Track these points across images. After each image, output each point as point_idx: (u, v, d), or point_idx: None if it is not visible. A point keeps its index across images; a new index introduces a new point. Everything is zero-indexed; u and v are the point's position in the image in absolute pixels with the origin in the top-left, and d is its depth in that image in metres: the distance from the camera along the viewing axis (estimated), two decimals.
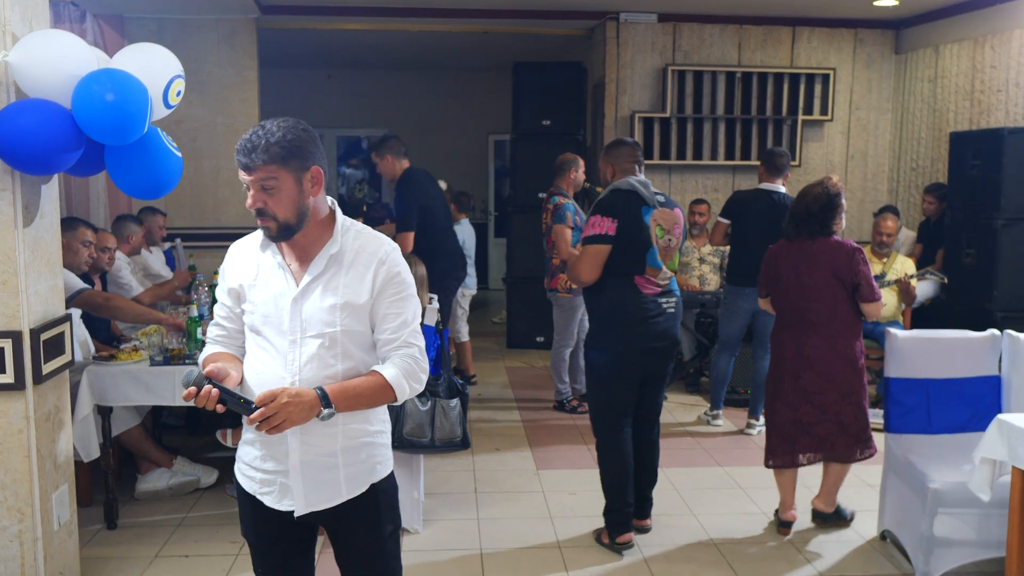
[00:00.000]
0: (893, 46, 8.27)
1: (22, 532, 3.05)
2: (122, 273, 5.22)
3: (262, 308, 2.17)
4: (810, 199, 3.97)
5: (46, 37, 2.90)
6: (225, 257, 2.26)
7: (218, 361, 2.16)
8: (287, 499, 2.20)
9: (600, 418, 3.92)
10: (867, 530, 4.10)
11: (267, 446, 2.18)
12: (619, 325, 3.76)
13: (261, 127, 2.07)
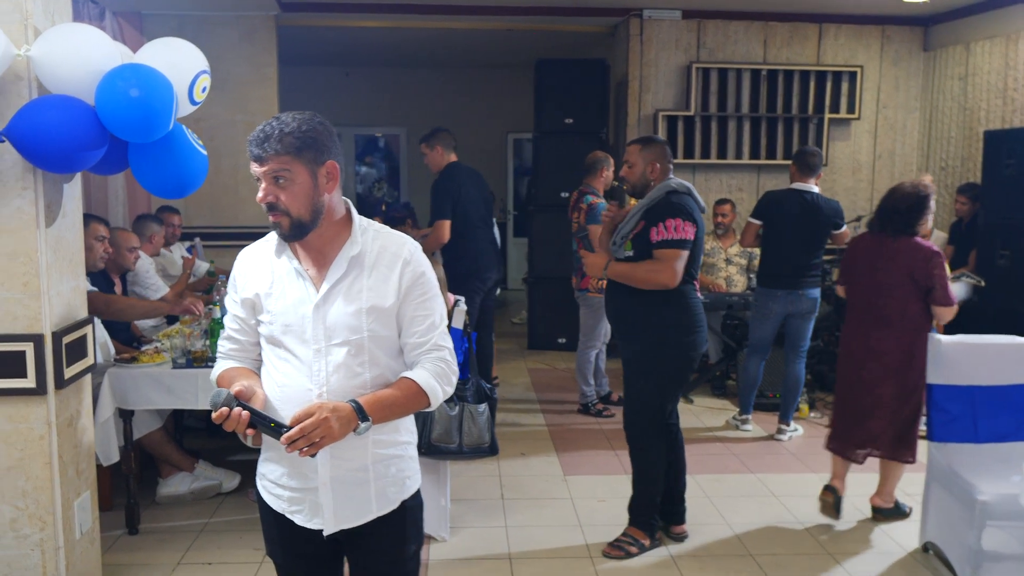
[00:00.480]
0: (922, 43, 8.11)
1: (43, 541, 2.96)
2: (149, 274, 5.15)
3: (282, 317, 2.04)
4: (899, 197, 3.99)
5: (69, 31, 2.82)
6: (234, 266, 2.13)
7: (239, 379, 2.04)
8: (317, 517, 2.09)
9: (653, 421, 3.82)
10: (908, 541, 3.98)
11: (293, 462, 2.06)
12: (692, 329, 3.74)
13: (276, 118, 1.97)
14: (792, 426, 5.49)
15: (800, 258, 5.24)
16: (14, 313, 2.86)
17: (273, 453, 2.11)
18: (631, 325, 3.82)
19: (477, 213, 5.73)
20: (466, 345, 4.00)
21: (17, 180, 2.83)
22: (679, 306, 3.73)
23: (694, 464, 4.92)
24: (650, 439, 3.82)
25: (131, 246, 4.66)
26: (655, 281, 3.65)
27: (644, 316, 3.75)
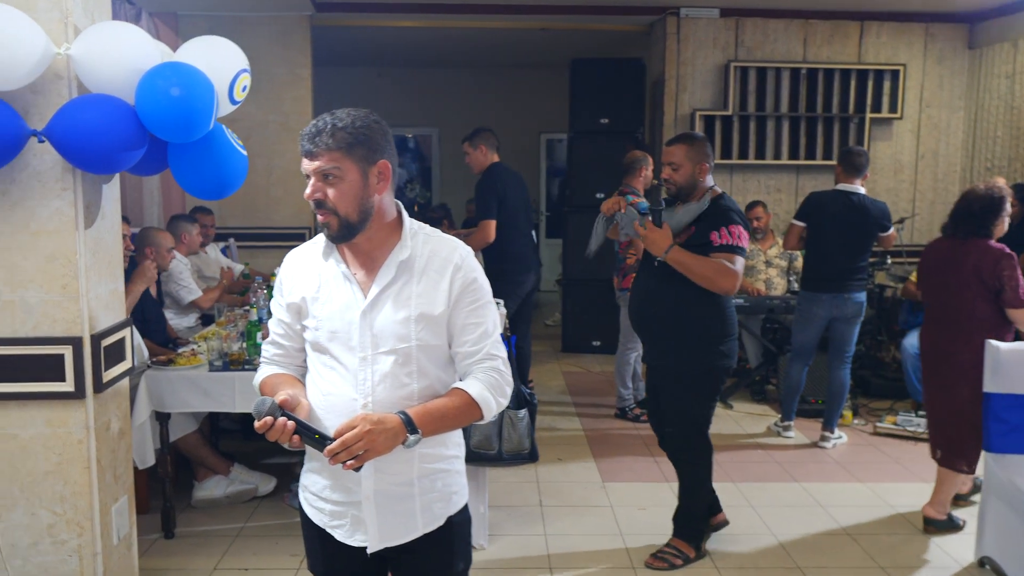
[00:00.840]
0: (966, 41, 7.92)
1: (81, 547, 2.92)
2: (183, 275, 5.12)
3: (328, 323, 1.96)
4: (972, 199, 3.95)
5: (109, 29, 2.77)
6: (281, 268, 2.07)
7: (282, 386, 1.98)
8: (359, 533, 2.01)
9: (702, 434, 3.69)
10: (964, 555, 3.84)
11: (336, 475, 1.99)
12: (731, 335, 3.63)
13: (330, 114, 1.90)
14: (836, 433, 5.35)
15: (846, 261, 5.11)
16: (53, 316, 2.82)
17: (316, 464, 2.04)
18: (671, 331, 3.61)
19: (519, 215, 5.66)
20: (505, 349, 3.91)
21: (56, 181, 2.78)
22: (721, 313, 3.60)
23: (736, 471, 4.83)
24: (699, 453, 3.70)
25: (170, 246, 4.65)
26: (718, 282, 3.46)
27: (687, 323, 3.57)
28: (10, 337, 2.81)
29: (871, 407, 6.12)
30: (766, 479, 4.77)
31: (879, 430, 5.56)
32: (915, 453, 5.19)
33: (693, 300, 3.54)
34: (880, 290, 6.79)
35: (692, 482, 3.74)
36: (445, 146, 11.60)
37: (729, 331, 3.61)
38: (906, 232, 7.85)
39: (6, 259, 2.80)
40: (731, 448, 5.29)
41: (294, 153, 7.51)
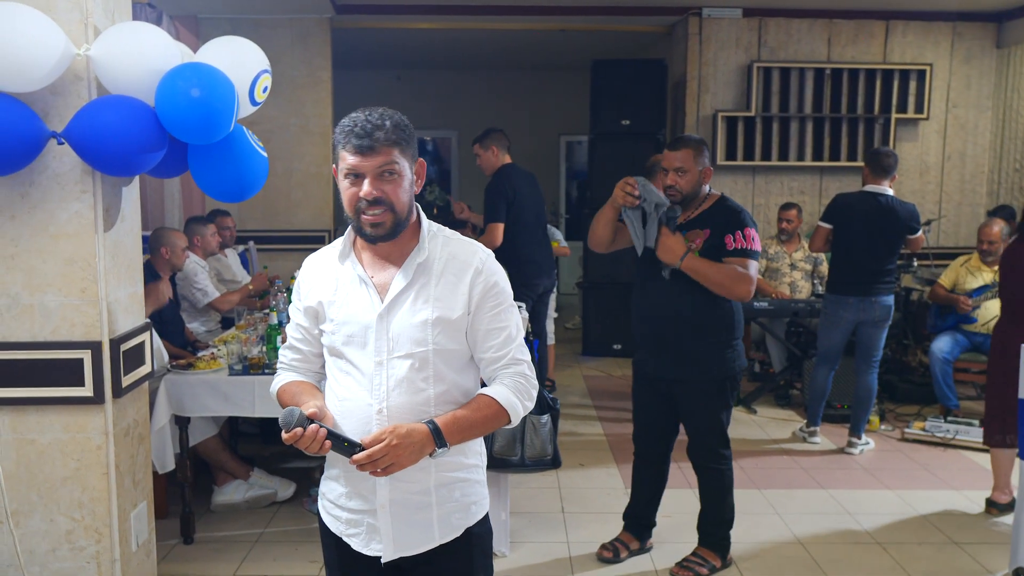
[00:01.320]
0: (994, 40, 7.79)
1: (99, 553, 2.88)
2: (198, 277, 5.10)
3: (344, 327, 1.92)
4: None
5: (129, 30, 2.74)
6: (299, 273, 2.05)
7: (302, 395, 1.95)
8: (375, 542, 1.96)
9: (723, 441, 3.64)
10: (997, 565, 3.74)
11: (352, 482, 1.94)
12: (738, 338, 3.59)
13: (372, 111, 1.86)
14: (864, 439, 5.26)
15: (873, 263, 5.01)
16: (72, 320, 2.79)
17: (335, 471, 2.00)
18: (690, 341, 3.48)
19: (530, 217, 5.56)
20: (528, 353, 3.86)
21: (75, 183, 2.76)
22: (734, 315, 3.54)
23: (761, 478, 4.76)
24: (726, 459, 3.64)
25: (184, 246, 4.63)
26: (735, 289, 3.37)
27: (706, 331, 3.48)
28: (29, 341, 2.78)
29: (898, 412, 6.02)
30: (792, 486, 4.68)
31: (907, 436, 5.45)
32: (944, 460, 5.09)
33: (709, 306, 3.47)
34: (907, 293, 6.69)
35: (719, 489, 3.67)
36: (465, 149, 11.54)
37: (739, 331, 3.59)
38: (932, 234, 7.73)
39: (25, 262, 2.77)
40: (756, 454, 5.20)
41: (314, 156, 7.50)
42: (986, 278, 5.69)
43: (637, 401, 3.80)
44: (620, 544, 3.82)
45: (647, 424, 3.78)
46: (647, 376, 3.67)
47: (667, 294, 3.50)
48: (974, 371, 5.93)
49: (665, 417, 3.71)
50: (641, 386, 3.74)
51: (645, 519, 3.88)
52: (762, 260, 6.57)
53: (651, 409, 3.73)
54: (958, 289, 5.79)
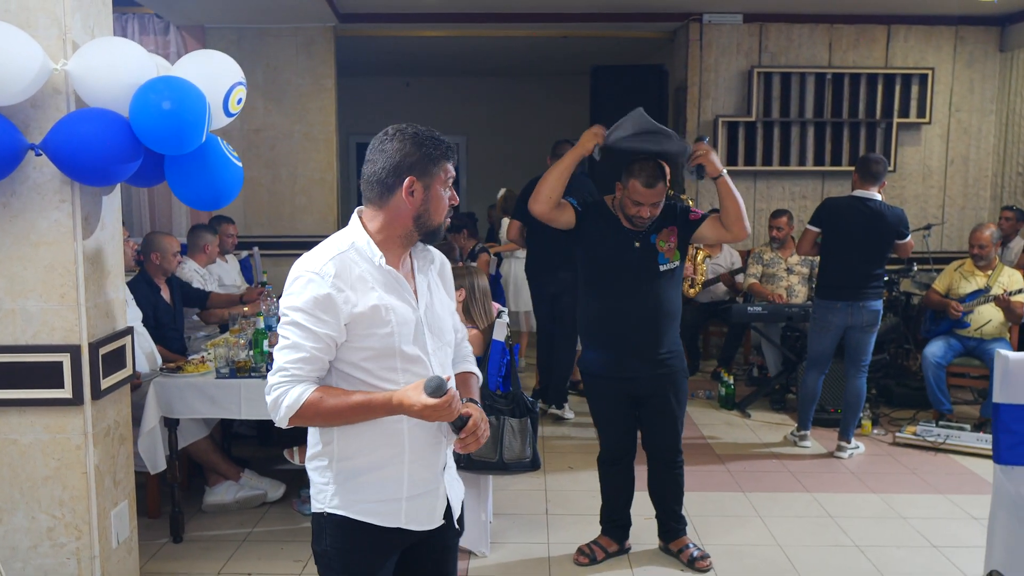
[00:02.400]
0: (997, 43, 7.78)
1: (79, 550, 2.99)
2: (192, 284, 5.21)
3: (402, 327, 2.00)
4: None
5: (106, 45, 2.84)
6: (323, 285, 1.92)
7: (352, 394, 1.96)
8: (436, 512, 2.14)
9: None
10: (972, 569, 3.76)
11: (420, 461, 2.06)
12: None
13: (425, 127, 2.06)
14: (853, 443, 5.27)
15: (862, 268, 5.03)
16: (51, 324, 2.90)
17: (371, 470, 2.03)
18: (675, 333, 3.69)
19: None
20: (507, 357, 3.94)
21: (55, 193, 2.86)
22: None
23: (747, 481, 4.79)
24: (681, 452, 3.88)
25: (175, 251, 4.72)
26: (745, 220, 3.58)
27: (676, 324, 3.70)
28: (11, 345, 2.89)
29: (893, 417, 6.02)
30: (777, 489, 4.71)
31: (898, 440, 5.46)
32: (934, 464, 5.10)
33: (679, 298, 3.70)
34: (907, 298, 6.69)
35: (681, 481, 3.87)
36: (473, 154, 11.65)
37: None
38: (935, 239, 7.73)
39: (7, 269, 2.88)
40: (745, 457, 5.23)
41: (318, 162, 7.61)
42: (979, 283, 5.69)
43: (607, 407, 3.78)
44: (597, 547, 3.87)
45: (622, 428, 3.80)
46: (620, 378, 3.66)
47: (663, 288, 3.60)
48: (972, 376, 5.92)
49: (632, 418, 3.78)
50: (610, 390, 3.72)
51: (624, 520, 3.94)
52: (758, 265, 6.59)
53: (623, 412, 3.76)
54: (952, 294, 5.79)
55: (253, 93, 7.35)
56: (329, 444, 2.03)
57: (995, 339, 5.63)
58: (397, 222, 2.01)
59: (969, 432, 5.41)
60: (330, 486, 2.04)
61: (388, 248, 2.02)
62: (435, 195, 2.01)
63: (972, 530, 4.13)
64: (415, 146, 1.98)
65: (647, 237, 3.59)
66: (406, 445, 2.03)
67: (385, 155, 1.99)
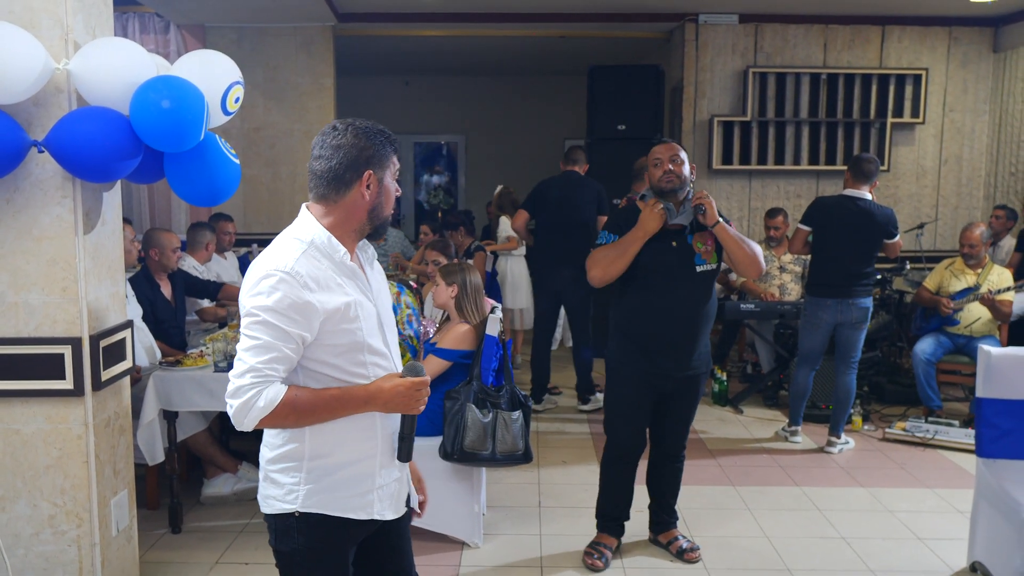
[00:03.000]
0: (991, 44, 7.85)
1: (80, 537, 3.06)
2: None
3: (367, 320, 2.05)
4: None
5: (107, 45, 2.91)
6: (295, 284, 1.91)
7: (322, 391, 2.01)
8: (400, 500, 2.23)
9: None
10: (955, 560, 3.83)
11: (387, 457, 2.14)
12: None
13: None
14: (843, 439, 5.34)
15: (851, 266, 5.10)
16: (53, 317, 2.97)
17: (350, 466, 2.07)
18: (706, 335, 3.71)
19: (554, 217, 6.17)
20: (500, 352, 4.00)
21: (57, 189, 2.93)
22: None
23: (737, 475, 4.86)
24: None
25: (174, 247, 4.79)
26: (759, 261, 3.62)
27: (708, 325, 3.70)
28: (13, 337, 2.96)
29: (884, 413, 6.09)
30: (767, 483, 4.79)
31: (888, 436, 5.53)
32: (922, 459, 5.17)
33: (712, 299, 3.68)
34: (899, 296, 6.75)
35: (680, 478, 3.97)
36: (472, 153, 11.73)
37: None
38: (928, 238, 7.80)
39: (10, 263, 2.95)
40: (736, 452, 5.31)
41: None
42: (969, 281, 5.75)
43: (629, 403, 3.72)
44: (604, 548, 3.83)
45: (639, 426, 3.77)
46: (653, 376, 3.64)
47: (700, 288, 3.59)
48: (964, 373, 5.99)
49: (649, 415, 3.78)
50: (635, 387, 3.67)
51: (625, 517, 3.92)
52: None
53: (643, 409, 3.73)
54: (942, 292, 5.85)
55: (253, 92, 7.43)
56: (300, 443, 2.02)
57: (984, 336, 5.70)
58: (353, 216, 2.03)
59: (958, 428, 5.49)
60: (302, 487, 2.03)
61: (343, 243, 2.03)
62: (387, 188, 2.06)
63: (957, 523, 4.20)
64: (369, 140, 2.01)
65: (684, 237, 3.58)
66: (378, 438, 2.09)
67: (341, 150, 1.99)
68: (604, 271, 3.53)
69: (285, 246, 1.98)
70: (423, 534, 3.94)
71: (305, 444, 2.02)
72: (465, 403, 3.80)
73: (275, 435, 2.07)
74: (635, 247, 3.50)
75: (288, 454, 2.04)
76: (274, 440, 2.07)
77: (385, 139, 2.05)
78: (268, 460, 2.09)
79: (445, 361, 3.92)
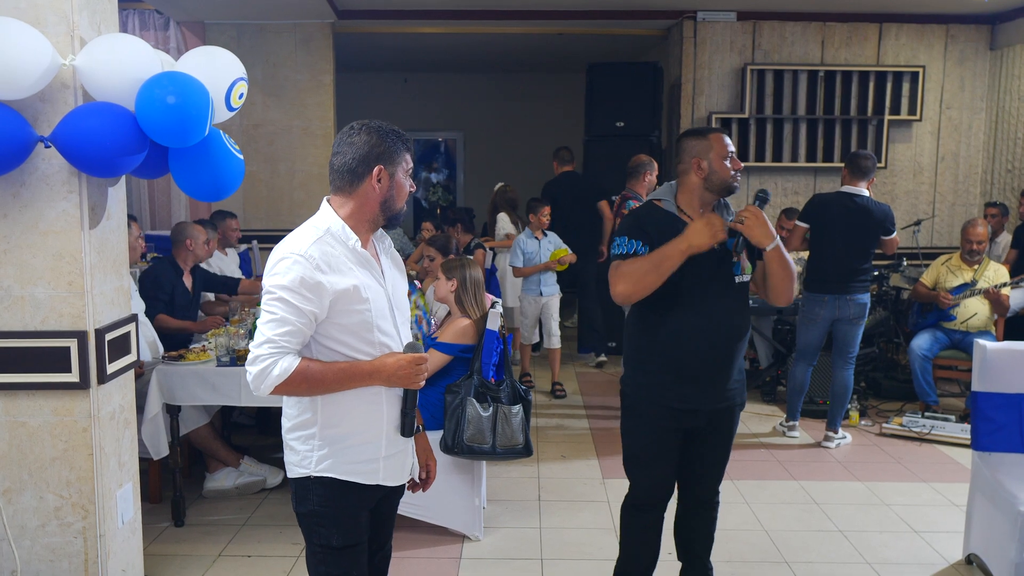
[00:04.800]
0: (988, 42, 7.89)
1: (86, 529, 3.09)
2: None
3: (376, 303, 2.23)
4: None
5: (112, 41, 2.93)
6: (307, 264, 2.10)
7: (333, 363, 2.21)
8: (405, 469, 2.42)
9: None
10: (952, 552, 3.87)
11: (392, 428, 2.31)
12: None
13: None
14: (840, 433, 5.38)
15: (848, 262, 5.14)
16: (59, 311, 2.99)
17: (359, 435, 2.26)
18: (739, 361, 3.00)
19: (560, 212, 6.85)
20: (500, 346, 4.04)
21: (63, 184, 2.96)
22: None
23: (735, 469, 4.90)
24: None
25: (205, 239, 4.91)
26: (793, 285, 2.94)
27: (744, 349, 3.04)
28: (20, 330, 2.99)
29: (881, 408, 6.13)
30: (765, 477, 4.83)
31: (885, 431, 5.57)
32: (919, 453, 5.21)
33: (750, 319, 3.08)
34: (896, 292, 6.79)
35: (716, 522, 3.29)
36: (470, 150, 11.76)
37: None
38: (925, 235, 7.84)
39: (17, 257, 2.98)
40: (734, 447, 5.22)
41: (316, 157, 7.71)
42: (965, 277, 5.80)
43: (652, 444, 3.00)
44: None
45: (665, 470, 3.05)
46: (682, 413, 2.93)
47: (738, 306, 2.92)
48: (960, 368, 6.03)
49: (677, 456, 3.05)
50: (659, 424, 2.96)
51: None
52: None
53: (669, 450, 3.01)
54: (939, 288, 5.89)
55: (252, 88, 7.41)
56: (313, 414, 2.22)
57: (980, 332, 5.74)
58: (366, 207, 2.23)
59: (954, 423, 5.53)
60: (315, 452, 2.24)
61: (358, 232, 2.23)
62: (399, 182, 2.24)
63: (953, 516, 4.24)
64: (381, 138, 2.21)
65: (723, 241, 2.82)
66: (384, 412, 2.27)
67: (354, 147, 2.20)
68: (634, 287, 2.80)
69: (304, 232, 2.20)
70: (424, 527, 3.98)
71: (318, 415, 2.22)
72: (466, 397, 3.84)
73: (291, 406, 2.27)
74: (673, 263, 2.75)
75: (303, 423, 2.24)
76: (291, 411, 2.28)
77: (397, 138, 2.24)
78: (286, 430, 2.30)
79: (446, 355, 3.96)
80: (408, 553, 3.82)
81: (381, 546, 2.49)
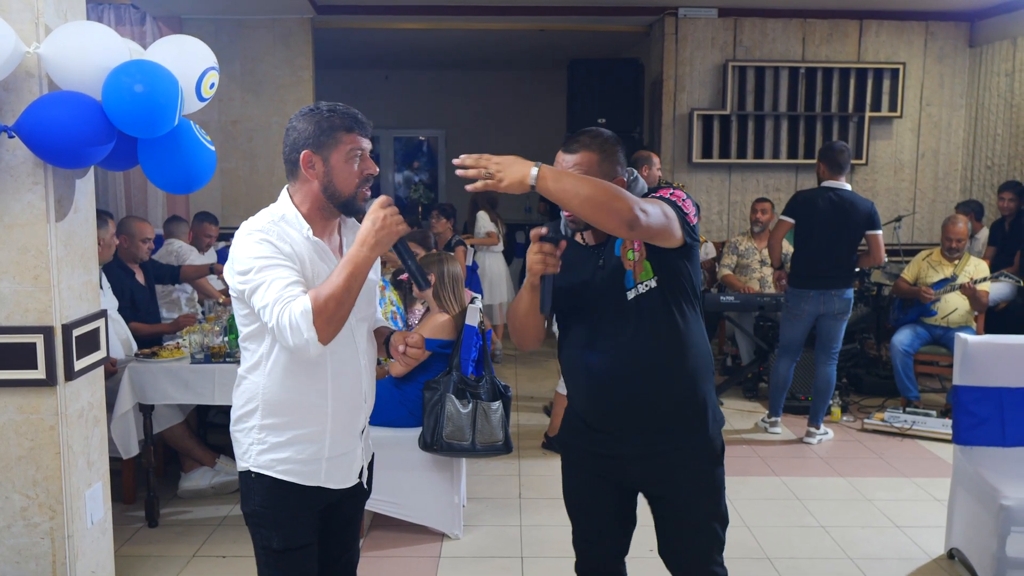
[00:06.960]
0: (967, 39, 7.91)
1: (53, 529, 3.01)
2: (187, 261, 5.39)
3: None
4: None
5: (78, 29, 2.86)
6: (267, 238, 2.06)
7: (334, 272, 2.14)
8: (353, 471, 2.32)
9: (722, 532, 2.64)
10: (933, 547, 3.85)
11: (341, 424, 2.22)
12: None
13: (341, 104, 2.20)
14: (822, 429, 5.37)
15: (832, 258, 5.12)
16: (25, 306, 2.92)
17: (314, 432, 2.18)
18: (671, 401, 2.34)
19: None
20: (480, 342, 3.98)
21: (27, 175, 2.88)
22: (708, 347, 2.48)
23: None
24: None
25: (145, 236, 4.75)
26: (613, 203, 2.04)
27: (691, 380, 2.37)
28: None
29: (862, 404, 6.13)
30: (747, 473, 4.80)
31: (867, 427, 5.56)
32: (900, 449, 5.20)
33: (686, 342, 2.31)
34: (877, 289, 6.79)
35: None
36: (452, 147, 11.69)
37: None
38: (905, 231, 7.84)
39: None
40: None
41: None
42: (946, 272, 5.80)
43: (578, 490, 2.50)
44: None
45: (596, 529, 2.51)
46: (593, 454, 2.40)
47: (631, 331, 2.27)
48: (941, 364, 6.03)
49: (616, 515, 2.48)
50: (581, 467, 2.45)
51: None
52: (732, 255, 6.69)
53: (599, 503, 2.46)
54: (920, 283, 5.89)
55: (230, 84, 7.37)
56: (256, 404, 2.16)
57: (962, 327, 5.74)
58: (310, 195, 2.15)
59: (935, 418, 5.52)
60: (255, 446, 2.17)
61: (313, 221, 2.16)
62: (335, 166, 2.12)
63: (935, 511, 4.23)
64: (307, 122, 2.14)
65: (611, 249, 2.31)
66: (329, 410, 2.18)
67: (288, 135, 2.17)
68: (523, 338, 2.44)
69: (259, 217, 2.18)
70: (403, 525, 3.93)
71: (259, 406, 2.16)
72: (445, 393, 3.78)
73: (237, 396, 2.21)
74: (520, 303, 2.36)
75: (246, 415, 2.19)
76: (237, 401, 2.22)
77: (328, 119, 2.12)
78: (232, 421, 2.24)
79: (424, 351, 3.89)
80: (386, 552, 3.77)
81: (347, 548, 2.41)
